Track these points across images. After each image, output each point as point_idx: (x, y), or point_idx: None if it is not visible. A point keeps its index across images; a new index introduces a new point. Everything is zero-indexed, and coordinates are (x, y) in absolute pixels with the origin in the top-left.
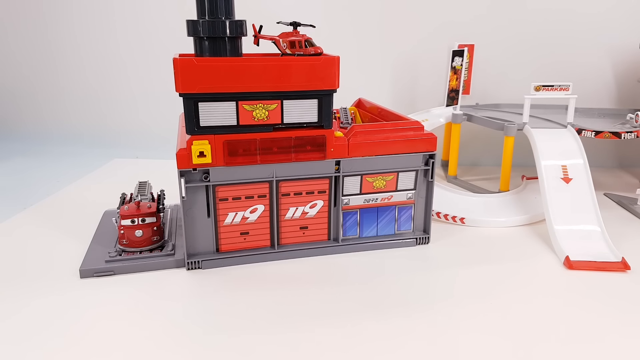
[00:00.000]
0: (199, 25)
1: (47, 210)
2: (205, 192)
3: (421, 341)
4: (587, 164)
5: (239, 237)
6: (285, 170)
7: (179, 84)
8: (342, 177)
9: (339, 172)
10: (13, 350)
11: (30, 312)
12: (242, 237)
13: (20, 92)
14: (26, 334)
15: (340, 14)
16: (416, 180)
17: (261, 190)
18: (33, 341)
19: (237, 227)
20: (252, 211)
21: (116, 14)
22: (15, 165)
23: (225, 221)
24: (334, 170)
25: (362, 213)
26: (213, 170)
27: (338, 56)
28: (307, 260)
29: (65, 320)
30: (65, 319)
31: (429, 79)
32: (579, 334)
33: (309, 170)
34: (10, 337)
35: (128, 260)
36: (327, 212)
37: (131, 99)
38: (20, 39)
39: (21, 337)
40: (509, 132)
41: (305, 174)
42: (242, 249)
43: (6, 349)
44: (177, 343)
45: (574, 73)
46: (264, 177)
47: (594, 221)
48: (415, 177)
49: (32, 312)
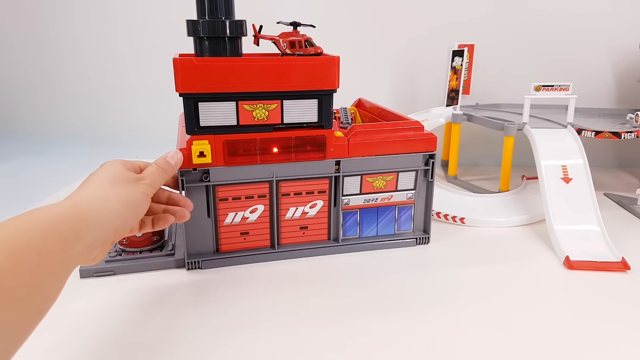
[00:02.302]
0: (199, 25)
1: None
2: (205, 192)
3: (421, 342)
4: (587, 164)
5: (239, 237)
6: (286, 171)
7: (179, 84)
8: (342, 177)
9: (339, 172)
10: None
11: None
12: (242, 237)
13: (21, 92)
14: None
15: (341, 14)
16: (416, 180)
17: (261, 190)
18: (30, 339)
19: (237, 227)
20: (252, 211)
21: (117, 15)
22: (15, 165)
23: (225, 221)
24: (334, 170)
25: (362, 213)
26: (213, 170)
27: (338, 56)
28: (306, 260)
29: (65, 319)
30: (64, 317)
31: (429, 79)
32: (578, 334)
33: (309, 170)
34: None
35: (128, 260)
36: (327, 212)
37: (132, 98)
38: (22, 39)
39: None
40: (509, 132)
41: (305, 174)
42: (242, 249)
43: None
44: (177, 342)
45: (574, 73)
46: (264, 177)
47: (594, 221)
48: (415, 177)
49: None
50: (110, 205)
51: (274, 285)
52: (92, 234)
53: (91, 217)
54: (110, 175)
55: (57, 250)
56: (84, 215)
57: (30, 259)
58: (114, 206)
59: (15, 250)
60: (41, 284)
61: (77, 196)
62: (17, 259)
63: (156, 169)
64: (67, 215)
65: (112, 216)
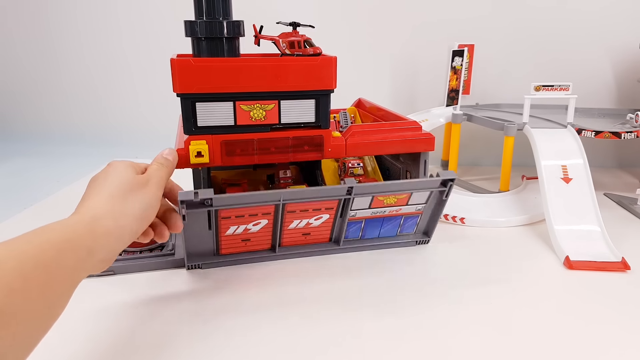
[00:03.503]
0: (196, 26)
1: (47, 210)
2: (207, 214)
3: (419, 340)
4: (587, 164)
5: (240, 243)
6: (294, 195)
7: (177, 84)
8: (353, 198)
9: (350, 195)
10: None
11: None
12: (243, 242)
13: (22, 92)
14: None
15: (341, 14)
16: (429, 197)
17: (266, 209)
18: None
19: (238, 237)
20: (255, 224)
21: (118, 15)
22: (16, 165)
23: (226, 232)
24: (345, 193)
25: (367, 222)
26: (216, 198)
27: (335, 56)
28: (306, 260)
29: (64, 318)
30: (63, 317)
31: (428, 79)
32: (577, 334)
33: (319, 194)
34: None
35: (128, 260)
36: (331, 223)
37: (133, 99)
38: (23, 39)
39: None
40: (509, 132)
41: (314, 196)
42: (243, 252)
43: None
44: (177, 342)
45: (574, 73)
46: (271, 200)
47: (594, 221)
48: (429, 195)
49: None
50: (124, 223)
51: (273, 284)
52: (104, 251)
53: (105, 236)
54: (122, 183)
55: (71, 267)
56: (99, 234)
57: (42, 279)
58: (128, 223)
59: (27, 270)
60: (51, 301)
61: (90, 208)
62: (28, 279)
63: (158, 167)
64: (83, 235)
65: (125, 233)
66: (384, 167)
